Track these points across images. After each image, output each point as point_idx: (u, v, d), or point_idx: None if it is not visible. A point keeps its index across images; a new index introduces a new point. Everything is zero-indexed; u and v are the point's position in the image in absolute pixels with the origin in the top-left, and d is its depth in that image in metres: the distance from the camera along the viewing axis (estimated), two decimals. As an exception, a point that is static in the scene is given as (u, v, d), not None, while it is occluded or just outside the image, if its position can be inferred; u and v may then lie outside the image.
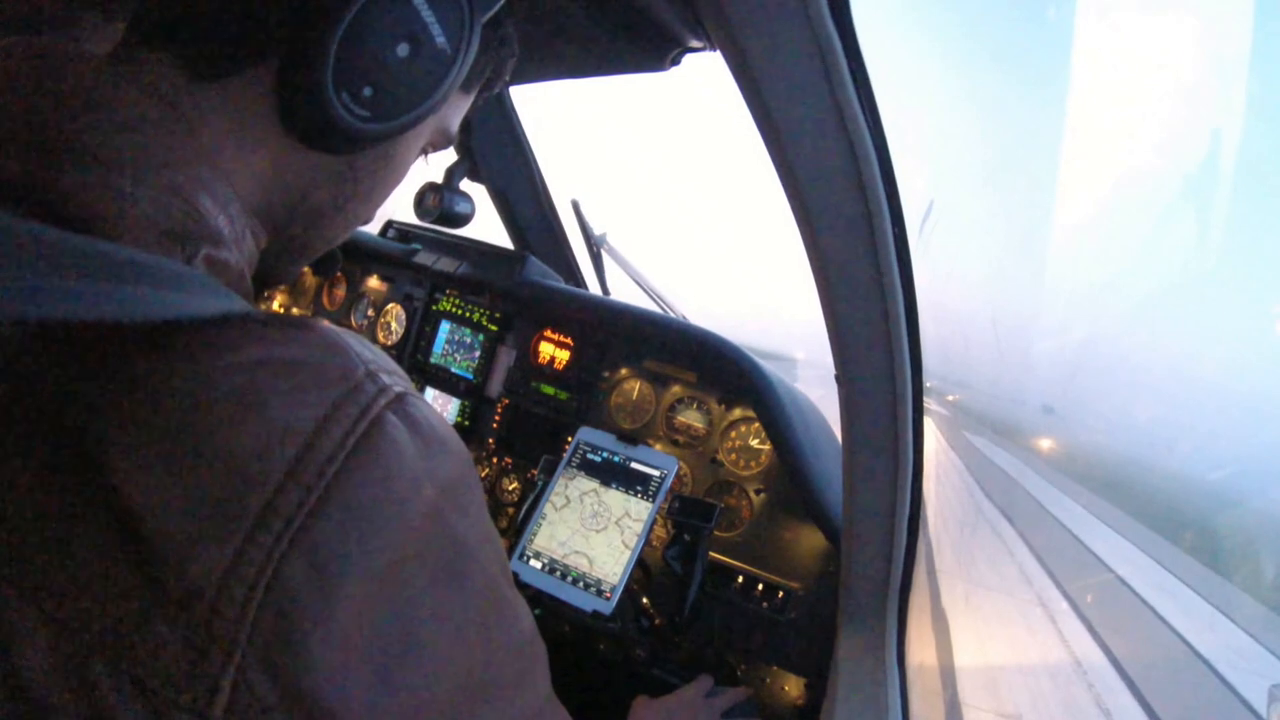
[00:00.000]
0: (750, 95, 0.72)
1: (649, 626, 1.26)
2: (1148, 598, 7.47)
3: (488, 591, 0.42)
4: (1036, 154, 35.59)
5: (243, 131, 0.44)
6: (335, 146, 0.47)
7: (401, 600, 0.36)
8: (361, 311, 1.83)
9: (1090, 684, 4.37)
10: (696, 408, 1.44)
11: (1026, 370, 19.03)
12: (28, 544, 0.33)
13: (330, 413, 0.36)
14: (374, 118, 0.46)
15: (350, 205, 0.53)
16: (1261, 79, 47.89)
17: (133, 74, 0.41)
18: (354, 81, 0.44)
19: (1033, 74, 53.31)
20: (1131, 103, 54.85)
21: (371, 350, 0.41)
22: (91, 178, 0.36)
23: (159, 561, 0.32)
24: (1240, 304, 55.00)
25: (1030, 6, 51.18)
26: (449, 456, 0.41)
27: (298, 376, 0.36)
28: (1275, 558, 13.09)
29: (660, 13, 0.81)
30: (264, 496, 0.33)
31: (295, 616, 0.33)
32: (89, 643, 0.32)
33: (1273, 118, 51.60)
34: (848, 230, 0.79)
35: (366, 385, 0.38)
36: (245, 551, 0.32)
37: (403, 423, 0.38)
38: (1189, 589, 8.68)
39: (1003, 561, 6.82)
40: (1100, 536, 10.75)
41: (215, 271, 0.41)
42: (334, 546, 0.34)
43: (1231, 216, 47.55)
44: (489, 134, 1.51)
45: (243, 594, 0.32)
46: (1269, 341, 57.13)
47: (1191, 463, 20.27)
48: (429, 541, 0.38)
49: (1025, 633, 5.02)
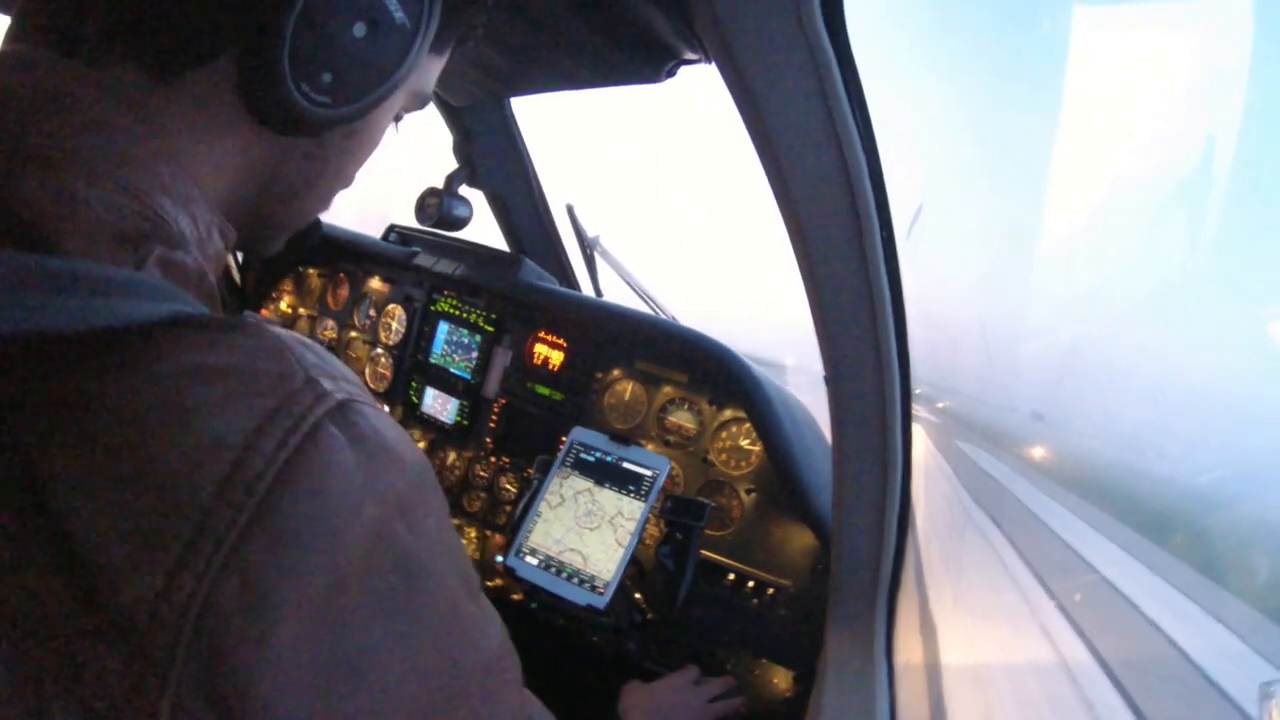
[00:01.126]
0: (743, 105, 0.75)
1: (641, 621, 1.29)
2: (1133, 598, 7.53)
3: (445, 609, 0.39)
4: (1028, 158, 35.90)
5: (208, 124, 0.43)
6: (296, 131, 0.46)
7: (344, 624, 0.34)
8: (364, 311, 1.85)
9: (1074, 680, 4.41)
10: (688, 408, 1.47)
11: (1015, 375, 19.32)
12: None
13: (262, 424, 0.33)
14: (335, 103, 0.45)
15: (322, 181, 0.53)
16: (1259, 87, 48.60)
17: (93, 75, 0.40)
18: (312, 69, 0.42)
19: (1026, 80, 53.12)
20: (1125, 108, 55.54)
21: (316, 353, 0.39)
22: (45, 181, 0.35)
23: (96, 584, 0.30)
24: (1229, 308, 54.40)
25: (1025, 17, 50.43)
26: (397, 468, 0.38)
27: (229, 384, 0.34)
28: (1264, 559, 13.18)
29: (657, 26, 0.83)
30: (194, 518, 0.31)
31: (230, 643, 0.31)
32: (41, 665, 0.31)
33: (1266, 126, 51.70)
34: (837, 235, 0.81)
35: (304, 393, 0.35)
36: (176, 576, 0.31)
37: (343, 433, 0.36)
38: (1176, 591, 8.74)
39: (989, 563, 6.88)
40: (1087, 539, 10.80)
41: (171, 274, 0.39)
42: (266, 570, 0.32)
43: (1224, 219, 47.35)
44: (488, 142, 1.53)
45: (175, 619, 0.30)
46: (1260, 346, 56.67)
47: (1180, 467, 20.48)
48: (372, 561, 0.36)
49: (1010, 631, 5.06)
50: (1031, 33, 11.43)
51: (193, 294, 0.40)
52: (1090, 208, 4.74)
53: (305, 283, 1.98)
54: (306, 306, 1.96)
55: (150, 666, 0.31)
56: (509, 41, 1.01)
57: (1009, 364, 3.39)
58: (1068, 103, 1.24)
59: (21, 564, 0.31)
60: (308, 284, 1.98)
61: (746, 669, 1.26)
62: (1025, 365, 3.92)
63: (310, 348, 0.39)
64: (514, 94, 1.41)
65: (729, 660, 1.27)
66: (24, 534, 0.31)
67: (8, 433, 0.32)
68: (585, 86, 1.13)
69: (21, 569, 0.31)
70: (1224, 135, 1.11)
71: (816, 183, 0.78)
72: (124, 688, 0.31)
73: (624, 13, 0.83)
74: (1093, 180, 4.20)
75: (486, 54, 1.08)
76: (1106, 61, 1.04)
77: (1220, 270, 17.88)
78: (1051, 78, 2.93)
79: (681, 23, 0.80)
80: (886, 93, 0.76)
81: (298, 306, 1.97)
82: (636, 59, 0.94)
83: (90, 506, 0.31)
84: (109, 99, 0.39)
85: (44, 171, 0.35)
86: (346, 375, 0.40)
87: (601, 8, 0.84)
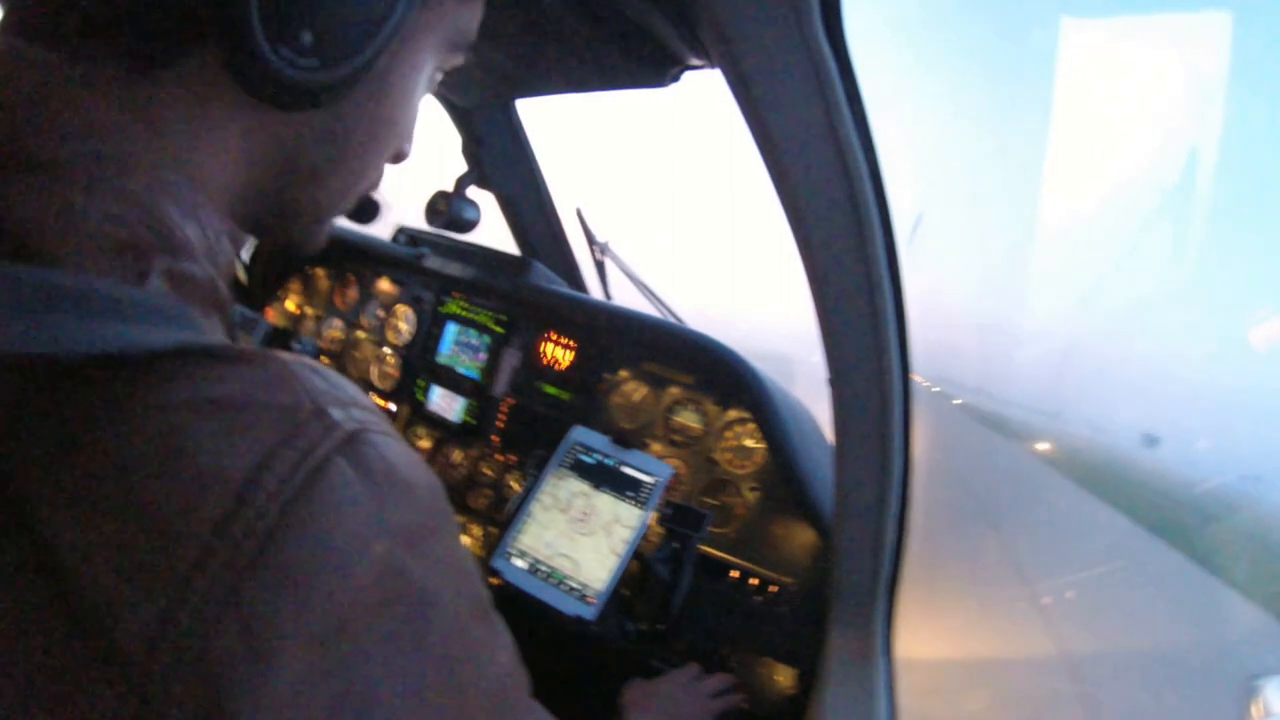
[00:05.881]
0: (747, 110, 0.76)
1: (634, 632, 1.27)
2: (1133, 591, 7.58)
3: (453, 637, 0.38)
4: (1027, 162, 34.85)
5: (210, 116, 0.41)
6: (299, 104, 0.42)
7: (350, 663, 0.33)
8: (371, 313, 1.87)
9: (1074, 674, 4.45)
10: (694, 409, 1.48)
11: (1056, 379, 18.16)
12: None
13: (265, 459, 0.32)
14: (325, 66, 0.40)
15: (350, 156, 0.48)
16: (1238, 102, 47.75)
17: (84, 75, 0.37)
18: (289, 31, 0.38)
19: (1020, 91, 52.34)
20: (1114, 121, 54.82)
21: (328, 379, 0.37)
22: (38, 189, 0.33)
23: (90, 618, 0.29)
24: (1220, 309, 53.20)
25: (1015, 31, 50.55)
26: (409, 500, 0.36)
27: (231, 419, 0.32)
28: (1257, 547, 13.18)
29: (661, 32, 0.85)
30: (191, 555, 0.30)
31: (227, 684, 0.30)
32: (31, 695, 0.30)
33: (1247, 138, 51.08)
34: (840, 238, 0.83)
35: (311, 426, 0.34)
36: (171, 615, 0.29)
37: (352, 466, 0.34)
38: (1176, 581, 8.80)
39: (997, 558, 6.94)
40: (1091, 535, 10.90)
41: (178, 286, 0.37)
42: (267, 610, 0.30)
43: (1216, 221, 45.64)
44: (495, 144, 1.56)
45: (170, 658, 0.29)
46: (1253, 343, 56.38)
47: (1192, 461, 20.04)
48: (380, 597, 0.34)
49: (1011, 625, 5.11)
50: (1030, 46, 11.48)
51: (202, 306, 0.39)
52: (1089, 211, 4.75)
53: (313, 283, 2.00)
54: (313, 306, 1.98)
55: (145, 703, 0.29)
56: (514, 44, 1.03)
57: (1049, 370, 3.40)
58: (1068, 113, 1.26)
59: (11, 592, 0.30)
60: (315, 284, 2.00)
61: (749, 666, 1.27)
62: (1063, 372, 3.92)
63: (320, 373, 0.37)
64: (520, 96, 1.42)
65: (731, 658, 1.28)
66: (13, 561, 0.30)
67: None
68: (591, 90, 1.14)
69: (11, 597, 0.30)
70: (1206, 148, 1.12)
71: (818, 187, 0.79)
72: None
73: (629, 18, 0.84)
74: (1095, 186, 4.21)
75: (492, 56, 1.10)
76: (1105, 74, 1.05)
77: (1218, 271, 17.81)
78: (1048, 87, 2.94)
79: (685, 29, 0.81)
80: (888, 101, 0.78)
81: (304, 306, 1.99)
82: (641, 64, 0.96)
83: (84, 539, 0.30)
84: (101, 98, 0.37)
85: (37, 179, 0.34)
86: (358, 400, 0.38)
87: (606, 13, 0.86)
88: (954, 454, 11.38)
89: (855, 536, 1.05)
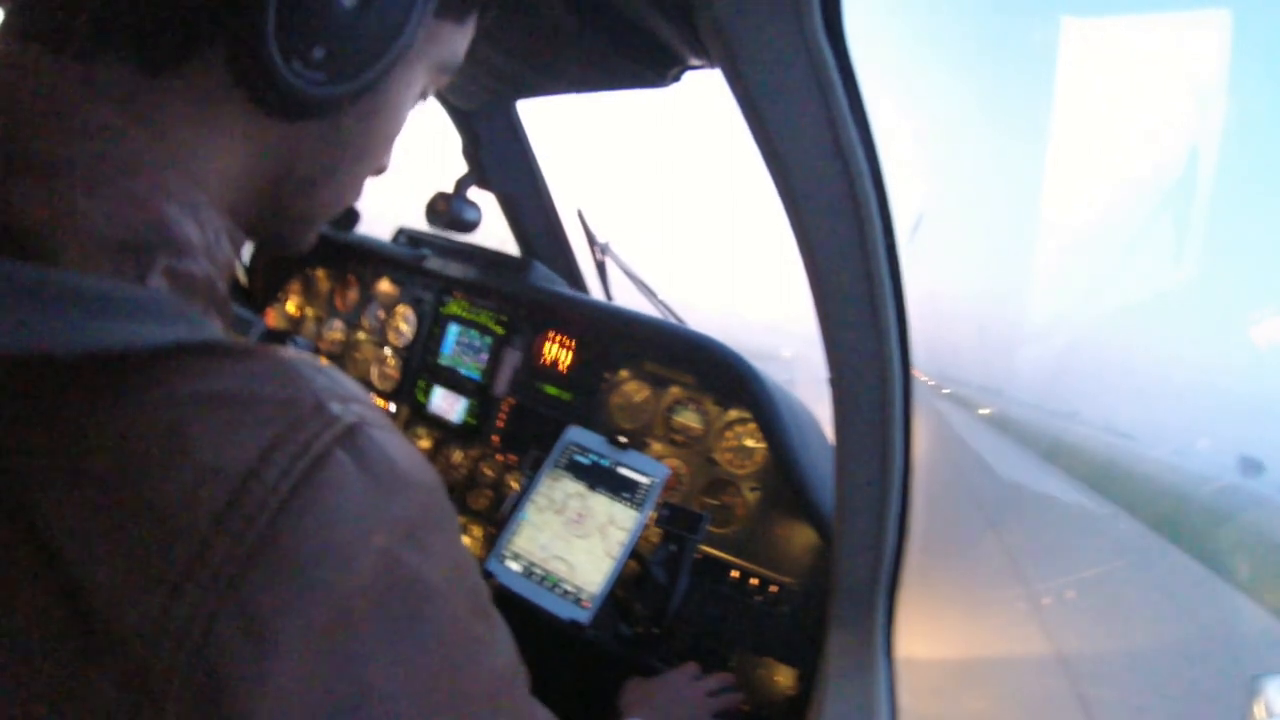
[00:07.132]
0: (748, 109, 0.76)
1: (630, 635, 1.26)
2: (1133, 589, 7.61)
3: (452, 632, 0.38)
4: (1030, 161, 34.82)
5: (211, 119, 0.42)
6: (302, 115, 0.43)
7: (350, 655, 0.33)
8: (372, 314, 1.87)
9: (1075, 674, 4.47)
10: (694, 409, 1.48)
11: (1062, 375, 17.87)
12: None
13: (265, 452, 0.32)
14: (331, 80, 0.41)
15: (342, 167, 0.50)
16: (1238, 104, 47.60)
17: (85, 74, 0.38)
18: (302, 45, 0.39)
19: (1021, 91, 51.74)
20: (1115, 122, 54.44)
21: (329, 375, 0.37)
22: (40, 190, 0.34)
23: (91, 611, 0.30)
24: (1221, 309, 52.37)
25: (1016, 30, 49.88)
26: (408, 493, 0.37)
27: (231, 412, 0.33)
28: (1250, 541, 13.20)
29: (661, 32, 0.85)
30: (191, 548, 0.30)
31: (228, 675, 0.30)
32: (31, 686, 0.30)
33: (1246, 140, 50.35)
34: (840, 237, 0.83)
35: (311, 419, 0.34)
36: (171, 607, 0.30)
37: (352, 459, 0.34)
38: (1174, 578, 8.83)
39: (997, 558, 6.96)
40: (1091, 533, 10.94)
41: (178, 284, 0.38)
42: (268, 601, 0.31)
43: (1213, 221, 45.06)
44: (496, 145, 1.56)
45: (170, 649, 0.30)
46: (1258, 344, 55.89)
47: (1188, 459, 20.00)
48: (380, 590, 0.34)
49: (1009, 624, 5.12)
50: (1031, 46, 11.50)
51: (202, 304, 0.40)
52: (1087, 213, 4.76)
53: (313, 284, 2.00)
54: (314, 308, 1.98)
55: (146, 695, 0.30)
56: (515, 45, 1.03)
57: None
58: (1070, 112, 1.26)
59: (12, 586, 0.31)
60: (316, 285, 2.00)
61: (749, 666, 1.27)
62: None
63: (320, 370, 0.37)
64: (520, 97, 1.43)
65: (731, 657, 1.28)
66: (14, 556, 0.31)
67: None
68: (591, 90, 1.15)
69: (11, 588, 0.31)
70: (1206, 150, 1.12)
71: (818, 187, 0.80)
72: (119, 714, 0.30)
73: (629, 19, 0.85)
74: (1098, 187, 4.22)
75: (493, 57, 1.10)
76: (1107, 75, 1.05)
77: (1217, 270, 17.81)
78: (1050, 87, 2.95)
79: (686, 29, 0.81)
80: (888, 100, 0.78)
81: (305, 307, 2.00)
82: (642, 64, 0.96)
83: (85, 533, 0.30)
84: (105, 100, 0.38)
85: (40, 180, 0.34)
86: (358, 396, 0.38)
87: (607, 14, 0.86)
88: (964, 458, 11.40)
89: (855, 536, 1.05)
